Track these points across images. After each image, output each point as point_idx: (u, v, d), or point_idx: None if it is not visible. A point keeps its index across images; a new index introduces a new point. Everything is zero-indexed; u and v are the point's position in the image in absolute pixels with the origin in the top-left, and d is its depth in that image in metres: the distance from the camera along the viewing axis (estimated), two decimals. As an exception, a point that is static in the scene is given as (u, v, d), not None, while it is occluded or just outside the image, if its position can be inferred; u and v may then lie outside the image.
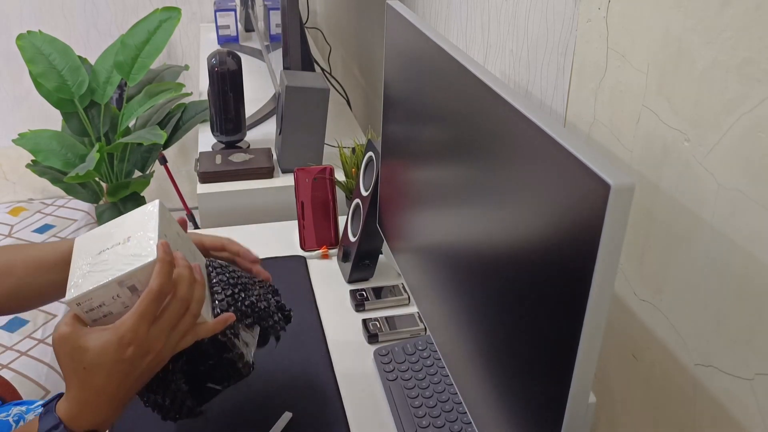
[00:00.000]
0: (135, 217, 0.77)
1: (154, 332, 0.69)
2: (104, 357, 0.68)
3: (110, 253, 0.73)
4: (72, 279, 0.72)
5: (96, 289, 0.70)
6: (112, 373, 0.69)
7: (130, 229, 0.75)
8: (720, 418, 0.69)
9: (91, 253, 0.74)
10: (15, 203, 2.94)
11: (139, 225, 0.75)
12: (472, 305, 0.76)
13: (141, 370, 0.70)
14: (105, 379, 0.69)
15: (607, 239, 0.49)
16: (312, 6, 2.92)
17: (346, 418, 0.93)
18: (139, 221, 0.76)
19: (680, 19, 0.68)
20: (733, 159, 0.63)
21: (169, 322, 0.71)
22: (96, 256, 0.73)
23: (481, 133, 0.70)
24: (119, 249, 0.73)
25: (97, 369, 0.68)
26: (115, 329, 0.68)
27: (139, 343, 0.68)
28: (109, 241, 0.75)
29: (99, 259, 0.73)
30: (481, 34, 1.16)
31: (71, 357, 0.68)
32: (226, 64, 1.55)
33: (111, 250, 0.73)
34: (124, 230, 0.76)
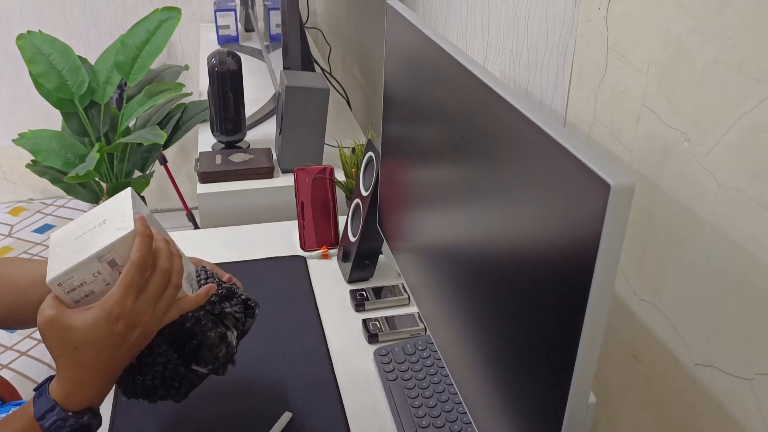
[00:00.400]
0: (108, 204, 0.78)
1: (140, 305, 0.70)
2: (94, 334, 0.69)
3: (87, 236, 0.74)
4: (52, 264, 0.72)
5: (77, 266, 0.70)
6: (102, 349, 0.69)
7: (104, 214, 0.77)
8: (720, 418, 0.69)
9: (69, 239, 0.75)
10: (15, 203, 2.94)
11: (112, 210, 0.77)
12: (472, 305, 0.76)
13: (129, 344, 0.71)
14: (96, 355, 0.69)
15: (607, 239, 0.49)
16: (312, 6, 2.92)
17: (346, 418, 0.93)
18: (112, 207, 0.77)
19: (680, 19, 0.68)
20: (733, 159, 0.63)
21: (154, 294, 0.71)
22: (74, 241, 0.74)
23: (481, 133, 0.70)
24: (96, 230, 0.74)
25: (87, 347, 0.69)
26: (102, 305, 0.69)
27: (127, 316, 0.69)
28: (86, 227, 0.76)
29: (77, 243, 0.74)
30: (481, 34, 1.16)
31: (60, 339, 0.69)
32: (226, 64, 1.55)
33: (88, 233, 0.74)
34: (99, 216, 0.77)
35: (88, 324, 0.69)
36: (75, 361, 0.69)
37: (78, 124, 2.40)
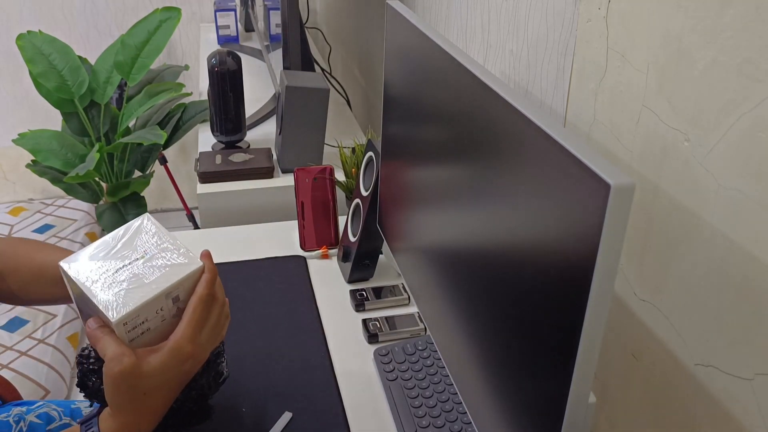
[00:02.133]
0: (126, 235, 0.75)
1: (204, 338, 0.70)
2: (165, 377, 0.68)
3: (132, 269, 0.71)
4: (102, 299, 0.68)
5: (145, 305, 0.68)
6: (170, 391, 0.69)
7: (137, 245, 0.74)
8: (720, 418, 0.69)
9: (103, 272, 0.71)
10: (15, 203, 2.94)
11: (144, 240, 0.74)
12: (472, 305, 0.76)
13: (188, 379, 0.71)
14: (162, 399, 0.69)
15: (607, 239, 0.49)
16: (312, 6, 2.92)
17: (346, 418, 0.93)
18: (140, 236, 0.74)
19: (680, 19, 0.68)
20: (733, 159, 0.63)
21: (216, 327, 0.71)
22: (114, 274, 0.71)
23: (481, 133, 0.70)
24: (142, 264, 0.72)
25: (157, 391, 0.68)
26: (173, 346, 0.68)
27: (196, 353, 0.69)
28: (119, 259, 0.72)
29: (123, 278, 0.70)
30: (481, 34, 1.16)
31: (133, 387, 0.67)
32: (226, 64, 1.55)
33: (130, 266, 0.71)
34: (130, 246, 0.73)
35: (162, 368, 0.67)
36: (140, 406, 0.68)
37: (78, 124, 2.40)
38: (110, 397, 0.67)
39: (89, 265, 0.72)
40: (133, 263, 0.72)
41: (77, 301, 0.74)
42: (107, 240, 0.75)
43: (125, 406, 0.68)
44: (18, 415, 1.01)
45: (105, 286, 0.69)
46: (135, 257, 0.72)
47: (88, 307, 0.72)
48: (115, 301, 0.68)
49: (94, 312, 0.70)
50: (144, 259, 0.72)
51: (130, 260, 0.72)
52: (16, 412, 1.02)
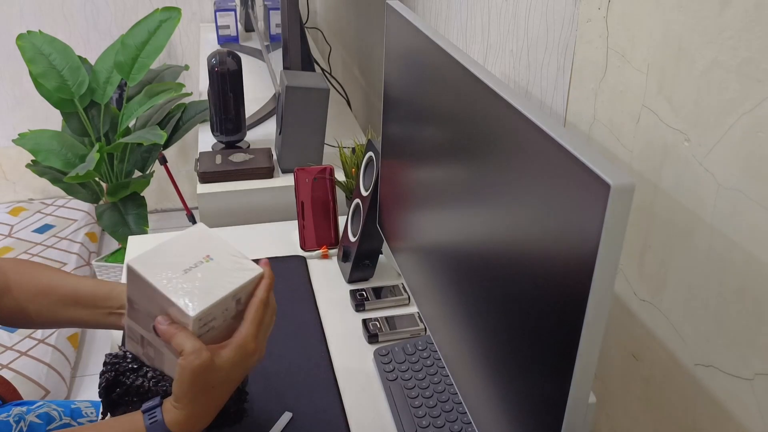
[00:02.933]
0: (188, 241, 0.80)
1: (262, 337, 0.76)
2: (232, 372, 0.73)
3: (201, 270, 0.76)
4: (176, 296, 0.73)
5: (217, 303, 0.73)
6: (232, 385, 0.75)
7: (199, 249, 0.79)
8: (720, 418, 0.69)
9: (172, 272, 0.75)
10: (15, 203, 2.94)
11: (205, 246, 0.79)
12: (472, 305, 0.76)
13: (245, 375, 0.77)
14: (225, 393, 0.75)
15: (607, 239, 0.49)
16: (312, 6, 2.92)
17: (346, 418, 0.93)
18: (201, 242, 0.80)
19: (680, 19, 0.68)
20: (733, 159, 0.63)
21: (269, 327, 0.78)
22: (183, 275, 0.75)
23: (481, 133, 0.70)
24: (210, 266, 0.77)
25: (224, 385, 0.73)
26: (239, 342, 0.73)
27: (258, 350, 0.74)
28: (185, 261, 0.77)
29: (193, 278, 0.75)
30: (481, 34, 1.16)
31: (206, 380, 0.71)
32: (226, 64, 1.55)
33: (198, 268, 0.76)
34: (193, 251, 0.78)
35: (231, 363, 0.72)
36: (208, 399, 0.72)
37: (78, 124, 2.40)
38: (185, 390, 0.71)
39: (157, 265, 0.76)
40: (200, 265, 0.77)
41: (137, 300, 0.77)
42: (169, 243, 0.79)
43: (197, 398, 0.72)
44: (18, 415, 1.01)
45: (177, 285, 0.74)
46: (200, 259, 0.77)
47: (153, 305, 0.75)
48: (191, 299, 0.73)
49: (162, 310, 0.74)
50: (210, 262, 0.77)
51: (197, 262, 0.77)
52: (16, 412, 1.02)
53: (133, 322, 0.79)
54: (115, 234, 2.29)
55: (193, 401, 0.72)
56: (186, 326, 0.72)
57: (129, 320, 0.79)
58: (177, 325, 0.72)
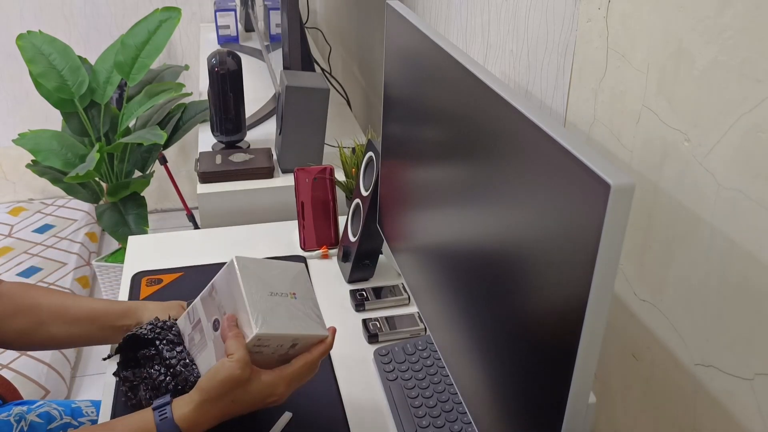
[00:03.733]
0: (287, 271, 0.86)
1: (291, 388, 0.80)
2: (255, 399, 0.77)
3: (281, 300, 0.81)
4: (253, 308, 0.77)
5: (279, 336, 0.78)
6: (245, 409, 0.78)
7: (291, 282, 0.85)
8: (720, 418, 0.69)
9: (262, 288, 0.81)
10: (15, 203, 2.94)
11: (297, 283, 0.86)
12: (472, 305, 0.76)
13: (257, 408, 0.80)
14: (237, 412, 0.78)
15: (607, 239, 0.49)
16: (312, 6, 2.92)
17: (346, 418, 0.93)
18: (295, 277, 0.86)
19: (680, 19, 0.68)
20: (733, 159, 0.63)
21: (301, 383, 0.82)
22: (268, 297, 0.80)
23: (481, 133, 0.70)
24: (292, 303, 0.83)
25: (240, 405, 0.77)
26: (275, 381, 0.77)
27: (282, 397, 0.79)
28: (275, 285, 0.82)
29: (274, 303, 0.80)
30: (481, 34, 1.16)
31: (233, 392, 0.75)
32: (226, 64, 1.55)
33: (281, 297, 0.82)
34: (285, 281, 0.85)
35: (260, 391, 0.76)
36: (222, 407, 0.76)
37: (78, 124, 2.40)
38: (212, 386, 0.75)
39: (254, 274, 0.81)
40: (284, 296, 0.82)
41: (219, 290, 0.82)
42: (272, 263, 0.85)
43: (216, 400, 0.75)
44: (19, 415, 1.01)
45: (259, 300, 0.79)
46: (287, 292, 0.83)
47: (230, 302, 0.80)
48: (263, 318, 0.77)
49: (234, 311, 0.79)
50: (294, 299, 0.83)
51: (284, 292, 0.83)
52: (16, 411, 1.02)
53: (201, 305, 0.84)
54: (115, 234, 2.29)
55: (210, 401, 0.75)
56: (245, 336, 0.76)
57: (199, 301, 0.85)
58: (238, 330, 0.76)
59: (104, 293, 2.46)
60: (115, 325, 0.93)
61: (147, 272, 1.22)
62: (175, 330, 0.87)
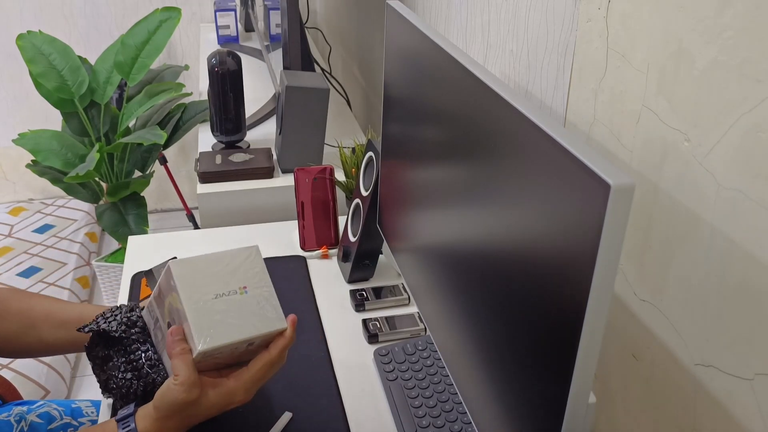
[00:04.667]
0: (235, 260, 0.79)
1: (255, 390, 0.77)
2: (212, 411, 0.76)
3: (229, 302, 0.76)
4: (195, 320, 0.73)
5: (229, 344, 0.74)
6: (206, 417, 0.77)
7: (240, 276, 0.78)
8: (720, 418, 0.69)
9: (204, 293, 0.76)
10: (15, 203, 2.94)
11: (248, 272, 0.78)
12: (472, 305, 0.76)
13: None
14: (201, 420, 0.77)
15: (607, 239, 0.49)
16: (312, 6, 2.92)
17: (346, 418, 0.93)
18: (245, 267, 0.79)
19: (680, 19, 0.68)
20: (733, 159, 0.63)
21: (266, 381, 0.79)
22: (213, 300, 0.75)
23: (481, 133, 0.70)
24: (242, 300, 0.76)
25: (199, 417, 0.76)
26: (231, 390, 0.75)
27: (243, 401, 0.76)
28: (221, 285, 0.77)
29: (220, 307, 0.75)
30: (481, 34, 1.16)
31: (183, 410, 0.74)
32: (226, 64, 1.55)
33: (228, 298, 0.76)
34: (234, 276, 0.78)
35: (214, 405, 0.75)
36: (180, 422, 0.75)
37: (78, 124, 2.40)
38: (164, 406, 0.74)
39: (195, 277, 0.76)
40: (232, 295, 0.76)
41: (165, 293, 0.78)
42: (216, 256, 0.78)
43: (171, 418, 0.75)
44: (19, 415, 1.01)
45: (202, 309, 0.74)
46: (236, 288, 0.77)
47: (175, 308, 0.76)
48: (207, 331, 0.73)
49: (179, 321, 0.75)
50: (244, 294, 0.77)
51: (231, 290, 0.77)
52: (17, 411, 1.02)
53: (155, 305, 0.81)
54: (115, 234, 2.29)
55: (166, 418, 0.75)
56: (192, 350, 0.74)
57: (153, 300, 0.82)
58: (184, 346, 0.74)
59: (104, 293, 2.46)
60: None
61: (147, 272, 1.22)
62: (141, 324, 0.83)
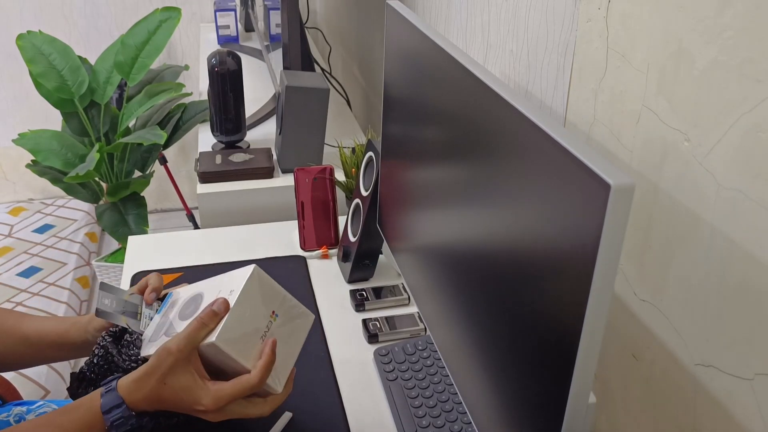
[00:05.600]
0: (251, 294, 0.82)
1: (222, 403, 0.76)
2: (177, 393, 0.76)
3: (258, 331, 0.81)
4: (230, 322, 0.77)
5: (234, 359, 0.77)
6: (174, 401, 0.77)
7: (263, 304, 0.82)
8: (720, 418, 0.69)
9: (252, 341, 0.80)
10: (15, 203, 2.94)
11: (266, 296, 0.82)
12: (472, 305, 0.76)
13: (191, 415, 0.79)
14: (168, 397, 0.76)
15: (607, 239, 0.49)
16: (312, 6, 2.92)
17: (346, 418, 0.93)
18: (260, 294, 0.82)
19: (680, 19, 0.68)
20: (733, 159, 0.63)
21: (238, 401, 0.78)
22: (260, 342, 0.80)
23: (481, 133, 0.70)
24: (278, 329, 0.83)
25: (169, 389, 0.76)
26: (199, 387, 0.76)
27: (208, 409, 0.76)
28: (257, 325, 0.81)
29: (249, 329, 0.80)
30: (481, 34, 1.16)
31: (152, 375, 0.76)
32: (226, 64, 1.55)
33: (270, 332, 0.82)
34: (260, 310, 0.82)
35: (179, 388, 0.76)
36: (156, 387, 0.76)
37: (78, 124, 2.40)
38: (142, 371, 0.76)
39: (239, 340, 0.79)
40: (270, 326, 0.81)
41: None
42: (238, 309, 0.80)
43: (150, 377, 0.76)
44: (18, 415, 1.01)
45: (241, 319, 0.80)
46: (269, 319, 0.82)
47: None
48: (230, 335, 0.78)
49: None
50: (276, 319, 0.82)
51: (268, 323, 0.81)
52: (16, 411, 1.02)
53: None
54: (115, 234, 2.29)
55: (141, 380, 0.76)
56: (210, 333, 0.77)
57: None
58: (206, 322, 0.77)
59: (104, 293, 2.46)
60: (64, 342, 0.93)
61: (147, 272, 1.22)
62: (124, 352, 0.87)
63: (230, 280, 0.82)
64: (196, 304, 0.83)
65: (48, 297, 2.27)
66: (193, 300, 0.84)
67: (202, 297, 0.84)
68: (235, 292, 0.79)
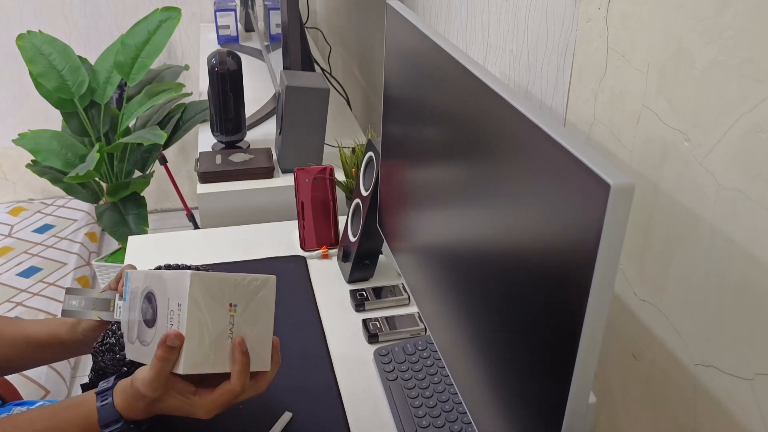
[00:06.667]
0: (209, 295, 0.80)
1: (214, 411, 0.77)
2: (172, 411, 0.77)
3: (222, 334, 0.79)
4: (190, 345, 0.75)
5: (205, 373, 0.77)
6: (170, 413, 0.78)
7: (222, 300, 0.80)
8: (720, 418, 0.69)
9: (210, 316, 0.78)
10: (15, 203, 2.94)
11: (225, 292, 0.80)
12: (472, 305, 0.76)
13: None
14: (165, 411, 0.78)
15: (607, 239, 0.49)
16: (312, 6, 2.92)
17: (346, 418, 0.93)
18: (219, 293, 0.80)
19: (680, 19, 0.68)
20: (733, 159, 0.63)
21: (228, 406, 0.78)
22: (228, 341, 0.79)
23: (481, 133, 0.70)
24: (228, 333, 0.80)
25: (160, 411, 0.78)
26: (192, 403, 0.76)
27: (202, 417, 0.77)
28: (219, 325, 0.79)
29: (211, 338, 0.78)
30: (481, 34, 1.16)
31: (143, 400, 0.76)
32: (226, 64, 1.55)
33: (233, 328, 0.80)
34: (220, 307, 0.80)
35: (172, 408, 0.77)
36: (148, 406, 0.77)
37: (78, 124, 2.40)
38: (136, 392, 0.76)
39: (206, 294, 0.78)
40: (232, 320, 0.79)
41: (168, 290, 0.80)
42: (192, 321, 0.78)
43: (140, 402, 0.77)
44: (18, 415, 1.01)
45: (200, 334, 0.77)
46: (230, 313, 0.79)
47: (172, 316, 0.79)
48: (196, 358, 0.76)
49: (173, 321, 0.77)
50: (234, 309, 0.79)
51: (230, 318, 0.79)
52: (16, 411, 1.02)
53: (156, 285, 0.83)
54: (115, 234, 2.29)
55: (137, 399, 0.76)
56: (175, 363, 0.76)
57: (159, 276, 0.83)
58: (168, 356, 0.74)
59: (104, 293, 2.46)
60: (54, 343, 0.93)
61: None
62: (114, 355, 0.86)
63: (174, 287, 0.77)
64: (153, 307, 0.80)
65: (48, 297, 2.27)
66: (148, 300, 0.81)
67: (155, 298, 0.80)
68: (182, 306, 0.75)
